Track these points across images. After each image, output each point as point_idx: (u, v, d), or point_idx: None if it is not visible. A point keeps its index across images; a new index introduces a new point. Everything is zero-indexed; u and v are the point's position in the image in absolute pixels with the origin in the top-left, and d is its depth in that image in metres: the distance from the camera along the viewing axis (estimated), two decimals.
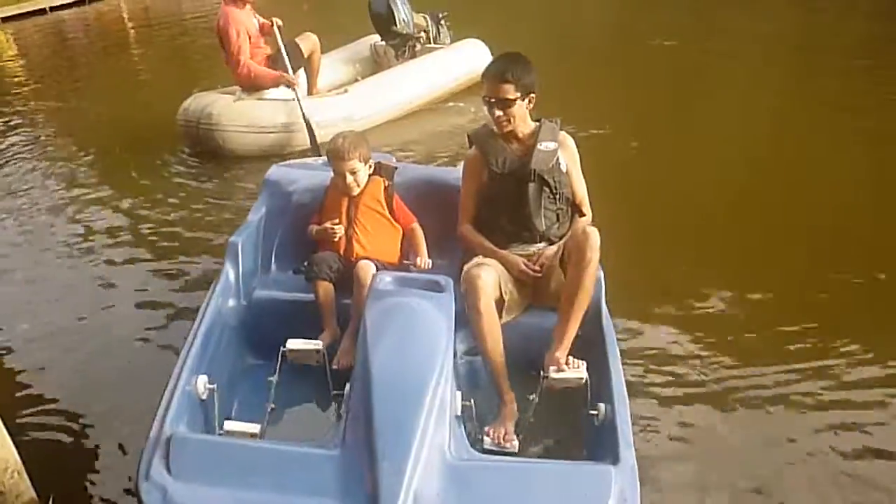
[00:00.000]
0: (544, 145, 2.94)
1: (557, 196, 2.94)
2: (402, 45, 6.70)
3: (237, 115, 5.32)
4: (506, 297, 2.81)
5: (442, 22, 6.98)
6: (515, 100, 2.84)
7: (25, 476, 2.33)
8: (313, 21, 7.19)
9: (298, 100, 5.35)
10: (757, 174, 5.16)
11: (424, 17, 6.91)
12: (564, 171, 2.98)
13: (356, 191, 3.02)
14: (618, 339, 2.79)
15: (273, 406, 2.66)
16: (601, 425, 2.47)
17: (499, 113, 2.88)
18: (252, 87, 5.47)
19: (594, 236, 2.67)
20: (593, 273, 2.68)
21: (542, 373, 2.57)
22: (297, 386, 2.75)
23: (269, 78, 5.40)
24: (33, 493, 2.37)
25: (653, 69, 7.61)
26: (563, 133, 3.04)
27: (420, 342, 2.32)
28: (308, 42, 5.68)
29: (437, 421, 2.14)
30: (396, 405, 2.12)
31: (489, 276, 2.70)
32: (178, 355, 2.54)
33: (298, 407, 2.78)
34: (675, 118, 6.33)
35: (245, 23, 5.35)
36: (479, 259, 2.83)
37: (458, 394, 2.48)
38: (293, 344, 2.68)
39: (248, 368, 2.88)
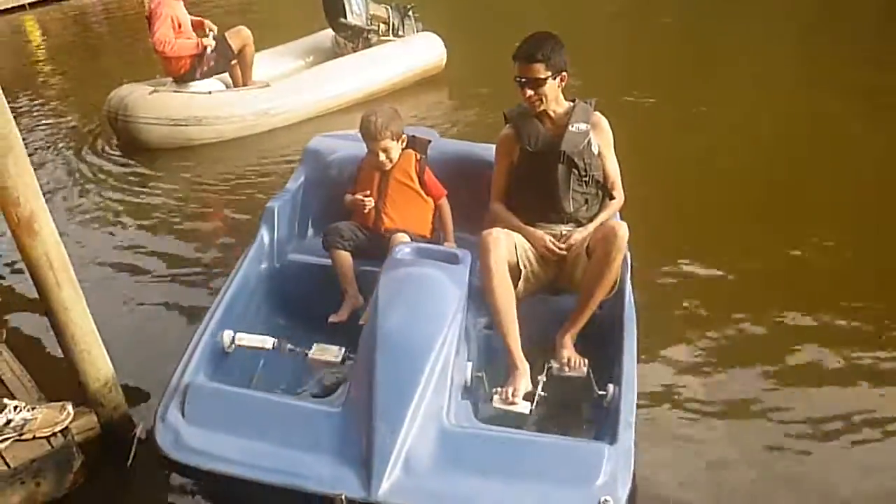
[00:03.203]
0: (576, 126, 2.93)
1: (586, 179, 2.94)
2: (356, 38, 6.42)
3: (150, 108, 5.28)
4: (523, 268, 2.84)
5: (409, 14, 6.62)
6: (546, 79, 2.85)
7: (120, 390, 2.56)
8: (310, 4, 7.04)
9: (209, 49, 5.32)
10: (783, 144, 5.14)
11: (387, 9, 6.54)
12: (596, 153, 2.97)
13: (388, 166, 3.09)
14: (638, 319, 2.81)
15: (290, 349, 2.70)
16: (609, 406, 2.49)
17: (530, 92, 2.89)
18: (180, 74, 5.47)
19: (622, 235, 2.67)
20: (616, 270, 2.70)
21: (545, 364, 2.58)
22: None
23: (190, 47, 5.36)
24: (126, 407, 2.61)
25: (662, 48, 7.40)
26: (597, 114, 3.02)
27: (428, 310, 2.39)
28: (239, 37, 5.61)
29: (437, 387, 2.21)
30: (397, 368, 2.20)
31: (502, 236, 2.74)
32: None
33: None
34: (687, 95, 6.18)
35: (175, 10, 5.37)
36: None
37: (469, 364, 2.54)
38: (315, 354, 2.66)
39: (276, 328, 2.98)
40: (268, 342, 2.61)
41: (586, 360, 2.61)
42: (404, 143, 3.13)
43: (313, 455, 2.10)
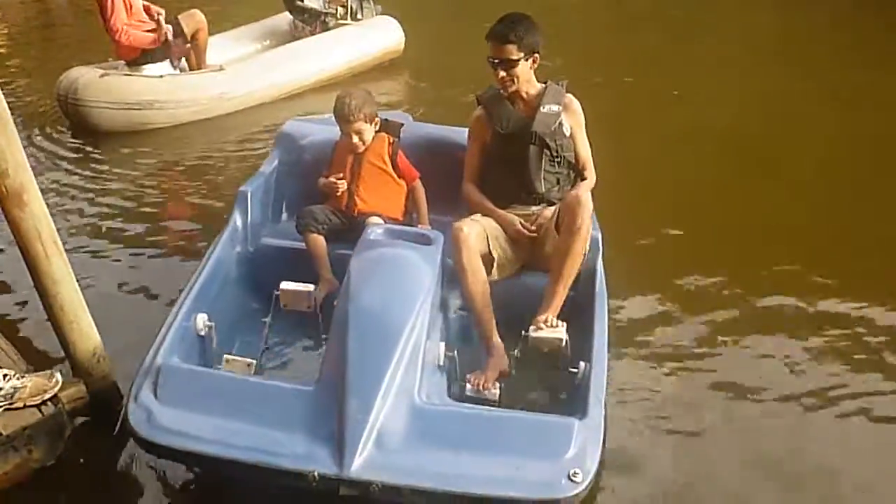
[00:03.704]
0: (547, 108, 2.96)
1: (558, 160, 2.97)
2: (314, 21, 6.31)
3: (101, 91, 5.12)
4: (496, 254, 2.86)
5: None
6: (518, 60, 2.87)
7: (108, 361, 2.61)
8: None
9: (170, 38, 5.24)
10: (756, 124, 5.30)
11: None
12: (568, 134, 2.99)
13: (361, 149, 3.10)
14: (610, 298, 2.87)
15: (266, 346, 2.79)
16: (580, 383, 2.52)
17: (502, 74, 2.90)
18: (133, 58, 5.35)
19: (586, 202, 2.70)
20: (584, 239, 2.72)
21: (523, 332, 2.62)
22: (292, 329, 2.88)
23: (148, 40, 5.31)
24: (114, 378, 2.65)
25: (627, 31, 7.47)
26: (568, 96, 3.04)
27: (399, 289, 2.41)
28: (193, 20, 5.51)
29: (409, 365, 2.23)
30: (369, 347, 2.22)
31: (473, 230, 2.76)
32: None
33: (291, 349, 2.90)
34: (658, 76, 6.26)
35: None
36: (471, 217, 2.89)
37: (442, 344, 2.56)
38: (286, 286, 2.76)
39: (249, 312, 2.99)
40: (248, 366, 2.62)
41: (564, 323, 2.62)
42: (377, 126, 3.13)
43: (286, 433, 2.11)
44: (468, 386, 2.60)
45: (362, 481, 2.01)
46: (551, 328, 2.60)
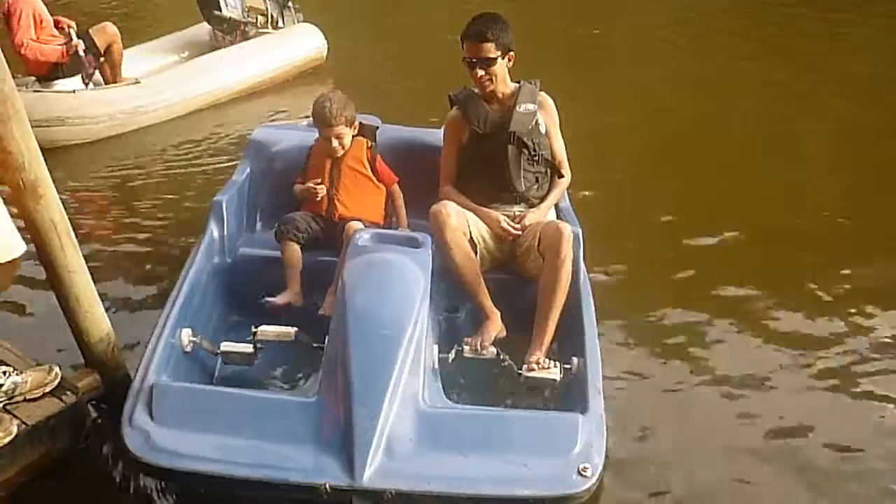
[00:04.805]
0: (523, 107, 2.97)
1: (536, 158, 2.99)
2: (233, 31, 6.18)
3: None
4: (478, 244, 2.88)
5: (289, 4, 6.35)
6: (496, 58, 2.88)
7: (120, 352, 2.62)
8: None
9: (81, 52, 5.08)
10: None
11: (264, 0, 6.27)
12: (544, 132, 3.02)
13: (341, 153, 3.06)
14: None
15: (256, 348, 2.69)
16: (574, 377, 2.55)
17: (481, 73, 2.91)
18: (43, 73, 5.17)
19: (567, 233, 2.72)
20: (568, 272, 2.73)
21: (517, 372, 2.60)
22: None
23: (56, 54, 5.13)
24: (126, 368, 2.63)
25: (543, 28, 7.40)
26: (542, 94, 3.07)
27: (396, 294, 2.39)
28: (105, 34, 5.35)
29: (412, 370, 2.22)
30: (372, 354, 2.20)
31: (454, 210, 2.78)
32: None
33: (281, 358, 2.82)
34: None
35: (35, 5, 5.12)
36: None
37: (436, 347, 2.55)
38: (266, 330, 2.65)
39: (232, 325, 2.93)
40: (248, 347, 2.64)
41: (558, 363, 2.60)
42: (356, 130, 3.10)
43: (292, 446, 2.07)
44: (466, 347, 2.66)
45: (375, 490, 1.99)
46: (544, 369, 2.59)
